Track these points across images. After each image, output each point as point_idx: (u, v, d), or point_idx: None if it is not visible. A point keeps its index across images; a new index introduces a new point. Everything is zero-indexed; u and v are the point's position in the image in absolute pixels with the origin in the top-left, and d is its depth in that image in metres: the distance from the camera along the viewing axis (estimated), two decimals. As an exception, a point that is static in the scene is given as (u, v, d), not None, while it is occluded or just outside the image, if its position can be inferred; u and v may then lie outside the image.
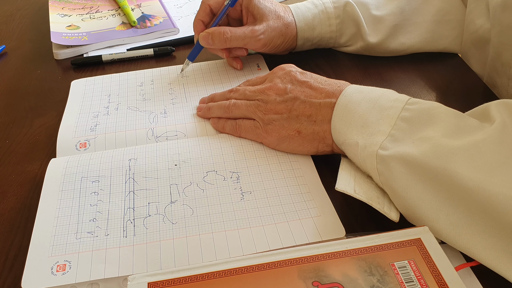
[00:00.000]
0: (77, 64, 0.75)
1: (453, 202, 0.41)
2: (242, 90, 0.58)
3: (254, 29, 0.64)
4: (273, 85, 0.55)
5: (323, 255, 0.41)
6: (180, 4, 0.93)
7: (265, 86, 0.55)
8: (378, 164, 0.45)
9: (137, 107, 0.64)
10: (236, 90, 0.59)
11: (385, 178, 0.45)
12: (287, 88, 0.54)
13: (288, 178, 0.52)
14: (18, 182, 0.55)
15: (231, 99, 0.58)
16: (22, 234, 0.49)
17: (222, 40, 0.64)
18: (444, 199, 0.42)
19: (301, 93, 0.53)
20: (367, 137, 0.47)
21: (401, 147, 0.44)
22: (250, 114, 0.55)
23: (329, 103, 0.51)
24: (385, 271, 0.39)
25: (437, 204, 0.42)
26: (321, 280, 0.39)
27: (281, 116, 0.53)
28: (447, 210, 0.41)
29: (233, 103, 0.57)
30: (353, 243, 0.42)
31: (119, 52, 0.76)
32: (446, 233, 0.42)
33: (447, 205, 0.41)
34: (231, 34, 0.64)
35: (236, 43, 0.65)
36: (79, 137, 0.59)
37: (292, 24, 0.67)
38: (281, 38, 0.66)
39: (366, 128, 0.47)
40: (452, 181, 0.41)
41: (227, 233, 0.46)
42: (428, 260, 0.40)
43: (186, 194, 0.50)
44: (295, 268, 0.40)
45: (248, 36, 0.64)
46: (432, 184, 0.42)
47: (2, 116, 0.66)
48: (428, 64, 0.70)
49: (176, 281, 0.40)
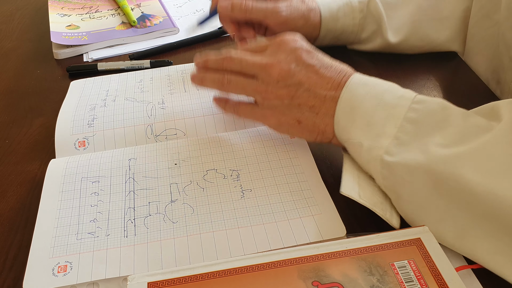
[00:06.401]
0: (72, 71, 0.74)
1: (461, 206, 0.40)
2: (238, 59, 0.52)
3: (277, 5, 0.63)
4: (276, 63, 0.50)
5: (323, 255, 0.41)
6: (180, 4, 0.93)
7: (266, 62, 0.50)
8: (383, 169, 0.44)
9: (135, 98, 0.64)
10: (231, 59, 0.53)
11: (390, 183, 0.45)
12: (291, 69, 0.49)
13: (288, 175, 0.52)
14: (18, 182, 0.55)
15: (225, 73, 0.53)
16: (22, 234, 0.49)
17: (243, 9, 0.62)
18: (451, 204, 0.41)
19: (306, 78, 0.49)
20: (372, 138, 0.45)
21: (407, 154, 0.43)
22: (248, 94, 0.53)
23: (333, 96, 0.48)
24: (385, 271, 0.39)
25: (444, 209, 0.41)
26: (321, 280, 0.39)
27: (281, 103, 0.50)
28: (454, 214, 0.41)
29: (228, 81, 0.53)
30: (353, 243, 0.42)
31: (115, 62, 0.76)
32: (452, 236, 0.41)
33: (455, 209, 0.41)
34: (253, 4, 0.62)
35: (256, 14, 0.63)
36: (77, 133, 0.59)
37: (316, 10, 0.66)
38: (302, 20, 0.65)
39: (371, 128, 0.45)
40: (460, 186, 0.40)
41: (227, 232, 0.46)
42: (428, 260, 0.40)
43: (186, 193, 0.50)
44: (295, 268, 0.40)
45: (270, 10, 0.63)
46: (440, 190, 0.41)
47: (2, 116, 0.66)
48: (428, 64, 0.70)
49: (175, 281, 0.40)
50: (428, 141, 0.43)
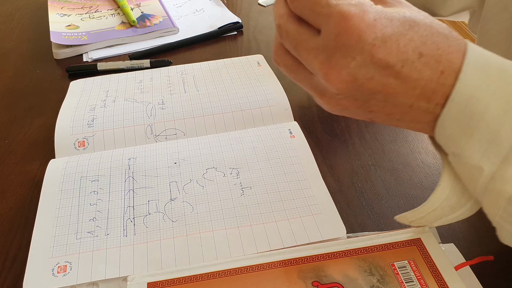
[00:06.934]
0: (72, 71, 0.73)
1: None
2: (288, 38, 0.34)
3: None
4: (334, 71, 0.32)
5: (323, 255, 0.41)
6: (180, 4, 0.92)
7: (320, 67, 0.32)
8: (509, 206, 0.32)
9: (135, 98, 0.64)
10: (281, 34, 0.35)
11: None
12: (357, 79, 0.32)
13: (288, 173, 0.52)
14: (18, 182, 0.55)
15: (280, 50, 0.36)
16: (21, 234, 0.49)
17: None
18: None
19: (381, 86, 0.32)
20: (497, 164, 0.32)
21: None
22: (305, 87, 0.37)
23: (426, 110, 0.33)
24: (385, 271, 0.39)
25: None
26: (321, 280, 0.39)
27: (347, 110, 0.36)
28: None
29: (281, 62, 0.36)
30: (353, 243, 0.42)
31: (115, 62, 0.75)
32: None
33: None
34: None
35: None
36: (76, 134, 0.59)
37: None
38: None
39: (497, 148, 0.32)
40: None
41: (227, 231, 0.46)
42: (428, 260, 0.40)
43: (186, 191, 0.50)
44: (295, 268, 0.40)
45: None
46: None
47: (2, 116, 0.66)
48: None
49: (175, 281, 0.40)
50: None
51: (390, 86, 0.32)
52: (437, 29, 0.32)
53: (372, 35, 0.30)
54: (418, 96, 0.32)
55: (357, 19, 0.30)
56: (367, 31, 0.30)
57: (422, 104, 0.33)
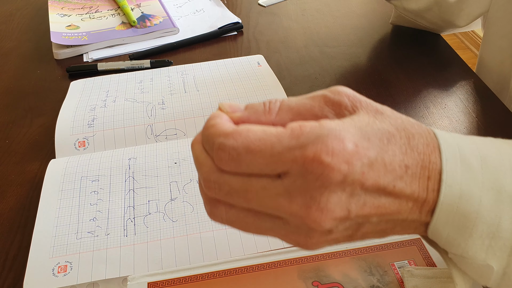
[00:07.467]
0: (72, 71, 0.73)
1: None
2: (242, 190, 0.29)
3: None
4: (325, 210, 0.28)
5: (323, 255, 0.41)
6: (180, 4, 0.93)
7: (302, 210, 0.28)
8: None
9: (135, 99, 0.64)
10: (228, 187, 0.29)
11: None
12: (352, 210, 0.29)
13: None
14: (18, 182, 0.55)
15: (219, 204, 0.31)
16: (21, 234, 0.49)
17: None
18: None
19: (376, 209, 0.29)
20: (508, 258, 0.30)
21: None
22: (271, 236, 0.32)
23: (417, 220, 0.31)
24: (385, 271, 0.39)
25: None
26: (321, 280, 0.39)
27: (338, 241, 0.32)
28: None
29: (226, 218, 0.32)
30: (353, 243, 0.42)
31: (115, 62, 0.76)
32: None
33: None
34: None
35: None
36: (77, 134, 0.59)
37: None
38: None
39: (502, 242, 0.30)
40: None
41: (227, 231, 0.46)
42: (428, 260, 0.40)
43: (186, 191, 0.50)
44: (295, 268, 0.40)
45: None
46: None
47: (2, 116, 0.66)
48: (428, 64, 0.70)
49: (175, 281, 0.40)
50: None
51: (383, 207, 0.29)
52: (409, 129, 0.30)
53: (358, 163, 0.27)
54: (411, 209, 0.30)
55: (339, 153, 0.27)
56: (353, 162, 0.27)
57: (415, 216, 0.30)
